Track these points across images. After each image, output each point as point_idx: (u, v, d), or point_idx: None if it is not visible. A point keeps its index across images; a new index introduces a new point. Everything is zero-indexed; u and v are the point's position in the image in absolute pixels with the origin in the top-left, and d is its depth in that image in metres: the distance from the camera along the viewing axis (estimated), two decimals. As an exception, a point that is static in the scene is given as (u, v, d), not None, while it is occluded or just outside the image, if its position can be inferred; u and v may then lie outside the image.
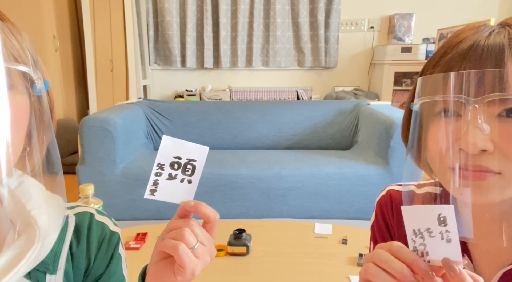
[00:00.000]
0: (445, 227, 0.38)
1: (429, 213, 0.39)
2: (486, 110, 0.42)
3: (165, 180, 0.49)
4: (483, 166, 0.42)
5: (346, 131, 2.78)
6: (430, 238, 0.40)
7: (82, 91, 4.06)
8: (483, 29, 0.47)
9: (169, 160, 0.49)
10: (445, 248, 0.39)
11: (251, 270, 1.34)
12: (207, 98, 3.74)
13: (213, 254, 0.51)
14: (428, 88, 0.46)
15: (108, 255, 0.56)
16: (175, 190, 0.50)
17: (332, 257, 1.41)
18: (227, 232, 1.50)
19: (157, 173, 0.49)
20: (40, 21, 3.36)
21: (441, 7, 3.75)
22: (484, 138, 0.41)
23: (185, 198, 0.50)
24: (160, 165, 0.49)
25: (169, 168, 0.49)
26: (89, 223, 0.55)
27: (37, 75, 0.44)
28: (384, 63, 3.54)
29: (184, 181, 0.50)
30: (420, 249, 0.41)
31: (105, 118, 2.20)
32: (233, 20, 3.78)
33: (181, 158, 0.49)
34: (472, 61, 0.44)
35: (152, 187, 0.49)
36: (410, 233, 0.41)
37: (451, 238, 0.39)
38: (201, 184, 2.18)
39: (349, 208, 2.26)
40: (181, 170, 0.50)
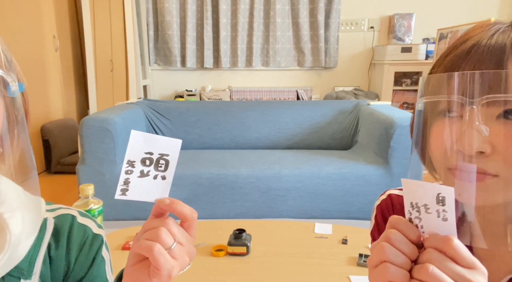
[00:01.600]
0: (443, 206, 0.38)
1: (428, 190, 0.39)
2: (485, 111, 0.42)
3: (137, 177, 0.46)
4: (480, 168, 0.42)
5: (346, 131, 2.78)
6: (426, 213, 0.39)
7: (82, 91, 4.06)
8: (491, 28, 0.46)
9: (140, 156, 0.46)
10: (440, 225, 0.39)
11: (251, 270, 1.34)
12: (207, 98, 3.74)
13: (192, 254, 0.48)
14: (429, 88, 0.46)
15: (89, 259, 0.54)
16: (148, 187, 0.47)
17: (332, 257, 1.41)
18: (227, 232, 1.50)
19: (128, 171, 0.46)
20: (40, 21, 3.36)
21: (441, 7, 3.75)
22: (482, 140, 0.41)
23: (159, 196, 0.47)
24: (130, 162, 0.46)
25: (140, 165, 0.46)
26: (70, 226, 0.53)
27: (11, 77, 0.43)
28: (384, 63, 3.54)
29: (158, 177, 0.47)
30: (415, 222, 0.41)
31: (105, 118, 2.20)
32: (233, 20, 3.78)
33: (152, 153, 0.46)
34: (472, 62, 0.44)
35: (123, 186, 0.46)
36: (408, 204, 0.41)
37: (448, 217, 0.38)
38: (201, 184, 2.19)
39: (349, 208, 2.26)
40: (153, 166, 0.47)
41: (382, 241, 0.41)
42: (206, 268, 1.35)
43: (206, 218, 2.21)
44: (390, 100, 3.53)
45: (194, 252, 0.48)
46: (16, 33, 3.02)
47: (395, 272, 0.39)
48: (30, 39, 3.22)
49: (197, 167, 2.26)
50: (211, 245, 1.48)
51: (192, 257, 0.48)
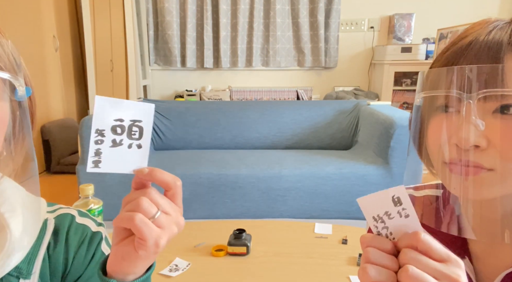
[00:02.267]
0: (401, 205, 0.39)
1: (383, 198, 0.40)
2: (481, 106, 0.42)
3: (109, 147, 0.43)
4: (475, 162, 0.42)
5: (346, 131, 2.79)
6: (390, 219, 0.40)
7: (82, 91, 4.06)
8: (489, 25, 0.46)
9: (109, 124, 0.42)
10: (405, 224, 0.40)
11: (251, 270, 1.34)
12: (207, 98, 3.74)
13: (181, 224, 0.45)
14: (427, 83, 0.46)
15: (88, 256, 0.54)
16: (124, 157, 0.44)
17: (332, 257, 1.41)
18: (227, 232, 1.50)
19: (98, 141, 0.42)
20: (40, 21, 3.36)
21: (441, 7, 3.75)
22: (477, 134, 0.41)
23: (137, 166, 0.44)
24: (99, 131, 0.42)
25: (111, 133, 0.43)
26: (69, 225, 0.54)
27: (19, 82, 0.43)
28: (384, 63, 3.54)
29: (133, 146, 0.44)
30: (384, 232, 0.41)
31: (105, 118, 2.19)
32: (233, 20, 3.78)
33: (123, 119, 0.43)
34: (469, 57, 0.44)
35: (94, 157, 0.42)
36: (371, 220, 0.41)
37: (408, 213, 0.39)
38: (201, 184, 2.18)
39: (349, 208, 2.26)
40: (126, 133, 0.43)
41: (363, 263, 0.41)
42: (206, 268, 1.35)
43: (206, 218, 2.21)
44: (390, 100, 3.53)
45: (182, 222, 0.46)
46: (16, 33, 3.02)
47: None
48: (30, 39, 3.22)
49: (197, 167, 2.26)
50: (211, 245, 1.48)
51: (181, 227, 0.45)
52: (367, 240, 0.42)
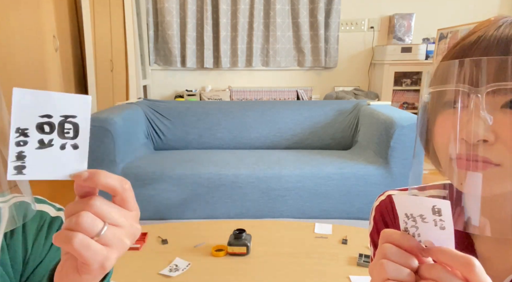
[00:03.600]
0: (440, 216, 0.38)
1: (423, 204, 0.38)
2: (490, 100, 0.41)
3: (35, 149, 0.36)
4: (483, 157, 0.42)
5: (346, 131, 2.78)
6: (423, 222, 0.39)
7: (82, 91, 4.06)
8: (498, 21, 0.46)
9: (33, 121, 0.35)
10: (438, 234, 0.38)
11: (251, 270, 1.34)
12: (207, 98, 3.74)
13: (136, 233, 0.39)
14: (434, 79, 0.46)
15: (48, 242, 0.52)
16: (56, 161, 0.36)
17: (332, 257, 1.41)
18: (227, 232, 1.50)
19: (20, 142, 0.35)
20: (40, 21, 3.36)
21: (441, 7, 3.75)
22: (485, 129, 0.41)
23: (74, 170, 0.38)
24: (20, 130, 0.35)
25: (37, 133, 0.35)
26: (24, 213, 0.51)
27: None
28: (384, 63, 3.54)
29: (67, 146, 0.37)
30: (412, 231, 0.40)
31: (105, 118, 2.20)
32: (233, 20, 3.78)
33: (51, 115, 0.36)
34: (478, 51, 0.44)
35: (16, 162, 0.35)
36: (402, 215, 0.40)
37: (445, 226, 0.38)
38: (201, 184, 2.18)
39: (349, 208, 2.26)
40: (56, 132, 0.36)
41: (379, 259, 0.40)
42: (206, 268, 1.35)
43: (206, 218, 2.22)
44: (390, 100, 3.53)
45: (137, 230, 0.40)
46: (16, 33, 3.02)
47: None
48: (30, 39, 3.22)
49: (197, 167, 2.26)
50: (211, 245, 1.48)
51: (136, 236, 0.39)
52: (387, 234, 0.40)
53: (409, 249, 0.39)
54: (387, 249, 0.40)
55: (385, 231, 0.41)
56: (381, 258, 0.40)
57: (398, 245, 0.40)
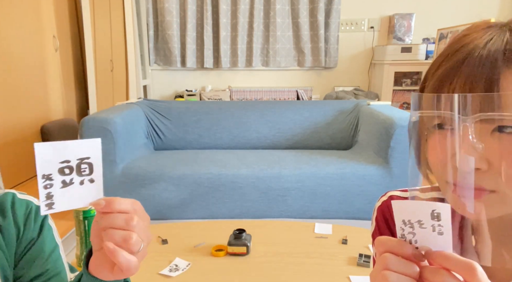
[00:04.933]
0: (438, 221, 0.37)
1: (422, 208, 0.38)
2: (479, 127, 0.41)
3: (60, 189, 0.43)
4: (477, 185, 0.42)
5: (346, 131, 2.78)
6: (420, 228, 0.39)
7: (82, 91, 4.06)
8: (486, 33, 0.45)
9: (55, 167, 0.42)
10: (436, 240, 0.38)
11: (251, 270, 1.34)
12: (207, 98, 3.74)
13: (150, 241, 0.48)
14: (422, 103, 0.45)
15: (37, 223, 0.59)
16: (77, 194, 0.44)
17: (332, 257, 1.41)
18: (227, 232, 1.50)
19: (47, 185, 0.42)
20: (40, 21, 3.36)
21: (441, 7, 3.75)
22: (477, 157, 0.41)
23: (92, 199, 0.45)
24: (45, 176, 0.42)
25: (59, 175, 0.43)
26: (12, 201, 0.59)
27: None
28: (384, 63, 3.54)
29: (85, 182, 0.44)
30: (409, 237, 0.40)
31: (105, 118, 2.20)
32: (233, 20, 3.78)
33: (69, 160, 0.43)
34: (463, 76, 0.43)
35: (46, 201, 0.42)
36: (399, 222, 0.40)
37: (444, 232, 0.38)
38: (201, 184, 2.18)
39: (349, 208, 2.26)
40: (75, 172, 0.43)
41: (380, 270, 0.40)
42: (206, 268, 1.35)
43: (206, 218, 2.22)
44: (390, 100, 3.53)
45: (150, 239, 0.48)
46: (16, 33, 3.02)
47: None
48: (30, 39, 3.22)
49: (197, 167, 2.26)
50: (211, 245, 1.48)
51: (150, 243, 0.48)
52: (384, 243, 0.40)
53: (407, 257, 0.39)
54: (387, 259, 0.39)
55: (380, 239, 0.41)
56: (382, 269, 0.39)
57: (396, 253, 0.40)
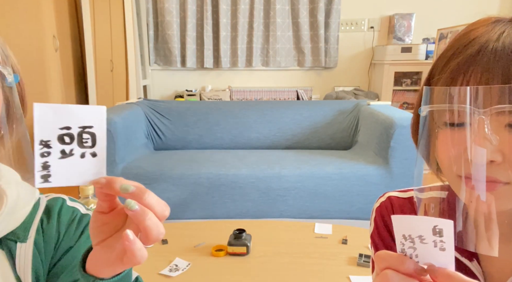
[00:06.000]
0: (440, 237, 0.36)
1: (424, 223, 0.37)
2: (494, 120, 0.41)
3: (58, 159, 0.39)
4: (491, 177, 0.42)
5: (346, 131, 2.78)
6: (421, 243, 0.37)
7: (82, 91, 4.06)
8: (495, 27, 0.45)
9: (55, 133, 0.38)
10: (438, 256, 0.37)
11: (251, 270, 1.34)
12: (207, 98, 3.74)
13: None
14: (434, 98, 0.45)
15: (78, 232, 0.58)
16: (77, 168, 0.40)
17: (332, 257, 1.41)
18: (227, 232, 1.50)
19: (43, 153, 0.38)
20: (40, 21, 3.36)
21: (441, 7, 3.75)
22: (492, 149, 0.41)
23: (93, 176, 0.40)
24: (43, 142, 0.38)
25: (58, 144, 0.39)
26: (60, 207, 0.59)
27: (7, 71, 0.47)
28: (384, 63, 3.54)
29: (86, 155, 0.40)
30: (409, 252, 0.38)
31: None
32: (233, 20, 3.78)
33: (70, 127, 0.39)
34: (479, 68, 0.43)
35: (42, 172, 0.38)
36: (399, 236, 0.39)
37: (446, 248, 0.36)
38: (201, 184, 2.18)
39: (349, 208, 2.26)
40: (76, 142, 0.39)
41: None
42: (206, 268, 1.35)
43: (206, 218, 2.21)
44: (390, 100, 3.53)
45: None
46: (16, 33, 3.02)
47: None
48: (30, 39, 3.21)
49: (197, 167, 2.26)
50: (211, 245, 1.48)
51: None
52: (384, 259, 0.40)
53: (408, 273, 0.38)
54: (388, 276, 0.39)
55: (380, 254, 0.40)
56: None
57: (397, 269, 0.39)
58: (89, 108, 0.39)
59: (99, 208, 0.42)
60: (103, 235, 0.43)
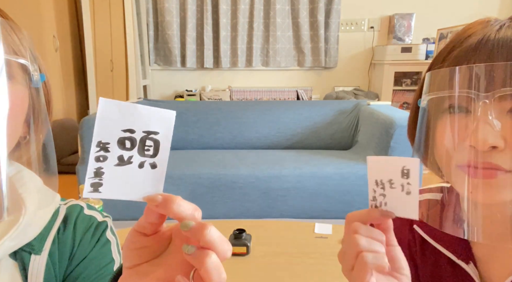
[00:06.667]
0: (407, 179, 0.39)
1: (394, 165, 0.39)
2: (497, 105, 0.40)
3: (114, 166, 0.33)
4: (493, 164, 0.40)
5: (346, 131, 2.78)
6: (390, 189, 0.40)
7: (82, 91, 4.06)
8: (493, 23, 0.45)
9: (116, 135, 0.33)
10: (403, 200, 0.40)
11: (251, 270, 1.34)
12: (207, 98, 3.74)
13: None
14: (436, 84, 0.44)
15: (93, 240, 0.57)
16: (133, 180, 0.34)
17: (332, 257, 1.41)
18: (227, 232, 1.50)
19: (99, 157, 0.33)
20: (40, 21, 3.36)
21: (441, 7, 3.75)
22: (495, 135, 0.40)
23: (149, 191, 0.34)
24: (102, 144, 0.33)
25: (118, 148, 0.33)
26: (77, 214, 0.58)
27: (34, 68, 0.47)
28: (384, 63, 3.54)
29: (145, 165, 0.34)
30: (379, 199, 0.42)
31: (105, 118, 2.20)
32: (233, 20, 3.78)
33: (134, 130, 0.33)
34: (482, 56, 0.42)
35: (94, 179, 0.33)
36: (372, 183, 0.42)
37: (411, 191, 0.39)
38: (201, 184, 2.18)
39: (349, 208, 2.25)
40: (136, 149, 0.34)
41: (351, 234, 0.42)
42: (206, 268, 1.35)
43: (206, 218, 2.21)
44: (390, 100, 3.53)
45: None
46: (16, 33, 3.02)
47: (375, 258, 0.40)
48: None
49: (197, 167, 2.26)
50: (211, 245, 1.48)
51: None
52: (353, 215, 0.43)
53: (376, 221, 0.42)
54: (356, 226, 0.41)
55: (348, 215, 0.43)
56: (352, 234, 0.41)
57: (365, 221, 0.42)
58: (158, 112, 0.34)
59: (141, 229, 0.36)
60: (139, 259, 0.37)
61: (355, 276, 0.41)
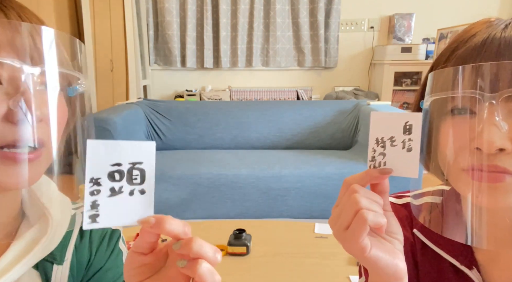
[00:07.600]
0: (409, 135, 0.39)
1: (396, 120, 0.40)
2: (504, 106, 0.39)
3: (107, 197, 0.37)
4: (500, 166, 0.38)
5: (346, 131, 2.78)
6: (391, 147, 0.40)
7: (82, 91, 4.05)
8: (498, 23, 0.44)
9: (105, 170, 0.37)
10: (403, 158, 0.40)
11: (251, 270, 1.34)
12: (207, 98, 3.74)
13: None
14: (440, 84, 0.42)
15: (108, 250, 0.57)
16: (125, 207, 0.38)
17: (332, 257, 1.41)
18: (227, 232, 1.50)
19: (94, 192, 0.36)
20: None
21: (441, 7, 3.75)
22: (502, 137, 0.38)
23: (142, 215, 0.38)
24: (94, 180, 0.36)
25: (108, 181, 0.37)
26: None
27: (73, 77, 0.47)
28: (384, 63, 3.54)
29: (135, 192, 0.38)
30: (378, 159, 0.42)
31: (105, 118, 2.20)
32: (233, 20, 3.78)
33: (121, 163, 0.37)
34: (487, 55, 0.41)
35: (91, 211, 0.36)
36: (373, 141, 0.42)
37: (412, 147, 0.39)
38: (201, 184, 2.18)
39: (349, 208, 2.26)
40: (125, 179, 0.37)
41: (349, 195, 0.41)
42: (206, 268, 1.35)
43: (206, 218, 2.21)
44: (390, 100, 3.53)
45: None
46: (16, 33, 3.02)
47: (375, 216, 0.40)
48: (30, 39, 3.22)
49: (197, 167, 2.26)
50: (211, 245, 1.48)
51: None
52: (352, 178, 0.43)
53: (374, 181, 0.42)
54: (355, 187, 0.41)
55: (346, 178, 0.44)
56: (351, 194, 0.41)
57: (364, 183, 0.42)
58: (138, 144, 0.38)
59: (138, 249, 0.39)
60: (140, 277, 0.39)
61: (350, 235, 0.41)
